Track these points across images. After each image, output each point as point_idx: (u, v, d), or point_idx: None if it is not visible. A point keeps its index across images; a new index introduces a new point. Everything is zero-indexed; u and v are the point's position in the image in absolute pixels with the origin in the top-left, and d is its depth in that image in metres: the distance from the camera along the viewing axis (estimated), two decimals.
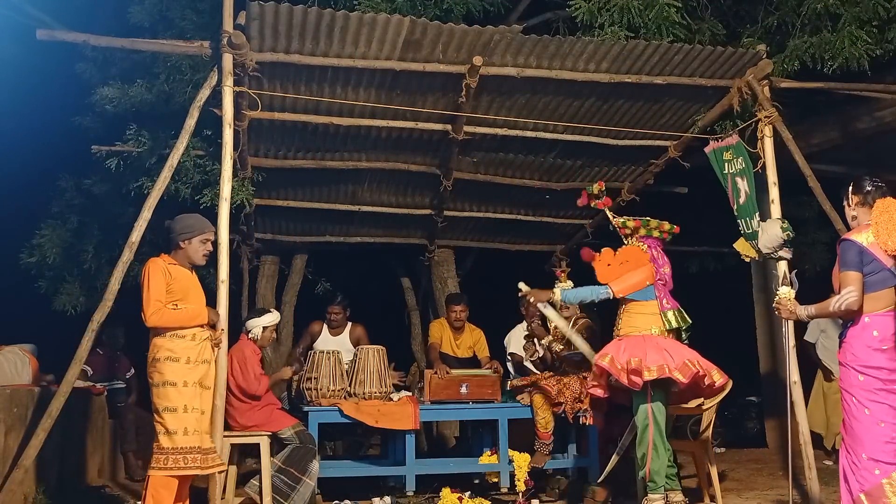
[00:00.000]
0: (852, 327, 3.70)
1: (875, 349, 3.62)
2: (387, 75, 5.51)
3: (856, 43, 5.66)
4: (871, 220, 3.70)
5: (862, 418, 3.61)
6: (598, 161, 6.92)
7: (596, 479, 5.84)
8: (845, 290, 3.64)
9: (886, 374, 3.60)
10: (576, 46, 5.44)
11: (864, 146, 8.26)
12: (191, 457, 4.14)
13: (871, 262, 3.65)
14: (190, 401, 4.19)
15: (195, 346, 4.28)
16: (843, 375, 3.74)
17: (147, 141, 6.15)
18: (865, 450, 3.59)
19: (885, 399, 3.59)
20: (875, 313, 3.65)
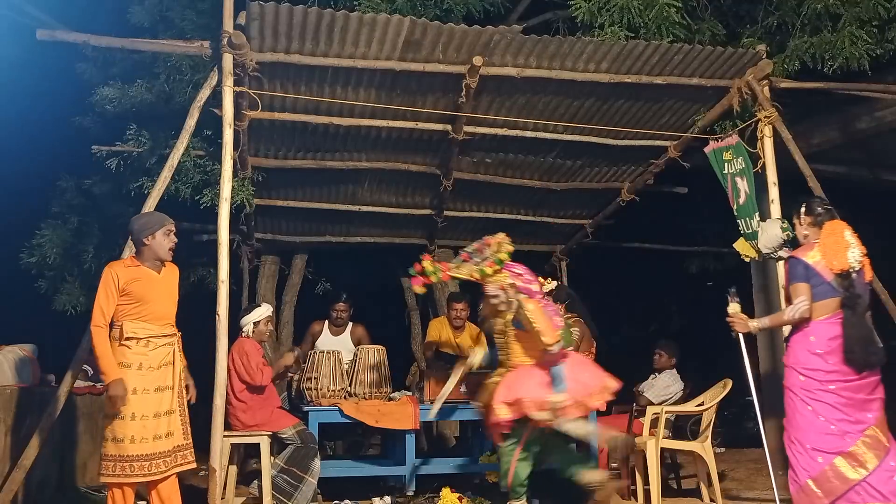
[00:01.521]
0: (796, 333, 4.13)
1: (813, 353, 4.04)
2: (387, 75, 5.52)
3: (856, 43, 5.66)
4: (820, 241, 4.15)
5: (805, 413, 4.05)
6: (597, 161, 6.92)
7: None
8: (798, 300, 4.07)
9: (823, 375, 4.01)
10: (576, 46, 5.44)
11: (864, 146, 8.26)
12: (137, 464, 4.08)
13: (814, 277, 4.08)
14: (140, 408, 4.11)
15: (149, 351, 4.19)
16: (787, 375, 4.17)
17: (147, 141, 6.15)
18: (809, 441, 4.02)
19: (822, 397, 4.01)
20: (818, 320, 4.07)
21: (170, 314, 4.32)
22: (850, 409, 3.99)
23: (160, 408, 4.19)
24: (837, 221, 4.20)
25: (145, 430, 4.12)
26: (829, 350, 4.02)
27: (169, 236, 4.32)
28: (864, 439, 3.96)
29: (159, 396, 4.20)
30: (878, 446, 3.97)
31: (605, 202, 7.63)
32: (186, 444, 4.28)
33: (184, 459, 4.26)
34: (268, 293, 8.27)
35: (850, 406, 3.99)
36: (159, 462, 4.15)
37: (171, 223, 4.37)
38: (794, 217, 4.36)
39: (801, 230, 4.30)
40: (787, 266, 4.21)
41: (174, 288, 4.38)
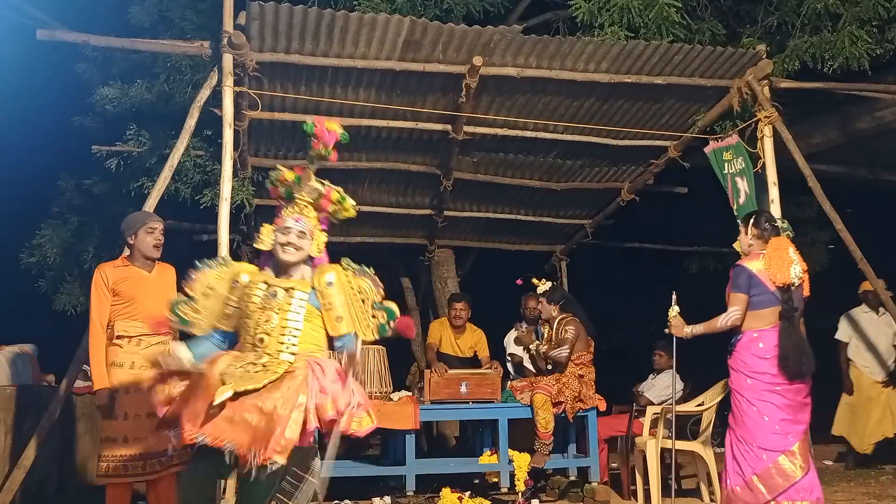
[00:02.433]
0: (742, 339, 4.33)
1: (761, 358, 4.26)
2: (387, 75, 5.52)
3: (856, 42, 5.67)
4: (766, 254, 4.36)
5: (751, 414, 4.26)
6: (597, 161, 6.92)
7: (596, 479, 5.86)
8: (732, 308, 4.31)
9: (769, 378, 4.23)
10: (576, 46, 5.44)
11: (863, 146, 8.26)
12: (132, 464, 4.08)
13: (759, 286, 4.29)
14: (134, 407, 4.11)
15: (141, 350, 4.19)
16: (735, 378, 4.37)
17: (147, 141, 6.15)
18: (755, 440, 4.24)
19: (768, 398, 4.23)
20: (761, 329, 4.29)
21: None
22: (792, 411, 4.25)
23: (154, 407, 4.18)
24: (782, 238, 4.48)
25: (139, 429, 4.11)
26: (775, 355, 4.25)
27: (152, 234, 4.31)
28: (802, 440, 4.25)
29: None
30: (808, 448, 4.32)
31: (605, 202, 7.63)
32: None
33: (180, 459, 4.25)
34: None
35: (791, 408, 4.25)
36: (154, 462, 4.14)
37: (153, 221, 4.36)
38: (741, 226, 4.59)
39: (747, 240, 4.52)
40: (732, 273, 4.41)
41: (168, 287, 4.37)
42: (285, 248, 3.38)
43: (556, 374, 5.96)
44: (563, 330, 5.99)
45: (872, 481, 6.34)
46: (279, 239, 3.38)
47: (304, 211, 3.52)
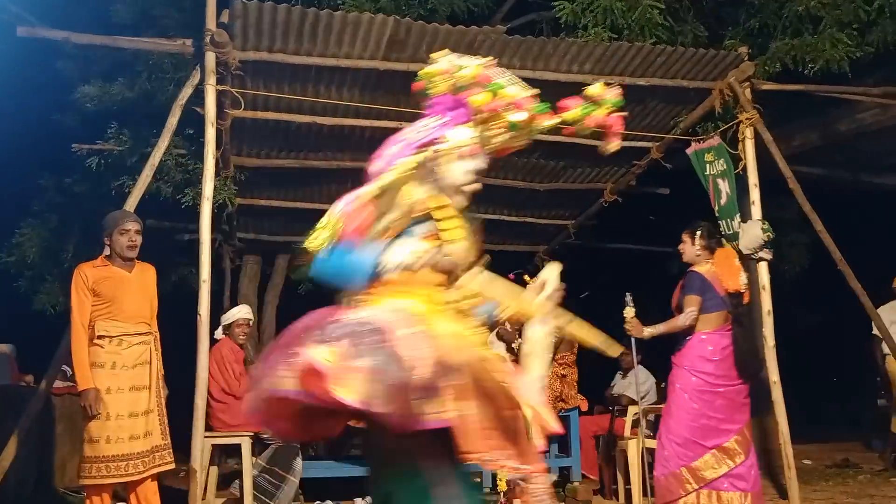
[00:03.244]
0: (691, 340, 4.57)
1: (707, 359, 4.53)
2: (371, 75, 5.50)
3: (836, 45, 5.72)
4: (714, 262, 4.67)
5: (690, 410, 4.51)
6: (580, 162, 6.94)
7: (578, 479, 5.88)
8: (689, 309, 4.54)
9: (713, 378, 4.50)
10: (559, 47, 5.45)
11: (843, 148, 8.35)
12: (114, 465, 4.05)
13: (710, 291, 4.58)
14: (115, 408, 4.09)
15: (122, 350, 4.16)
16: (679, 374, 4.59)
17: (128, 140, 6.11)
18: (690, 434, 4.49)
19: (708, 398, 4.51)
20: (709, 332, 4.56)
21: (143, 313, 4.29)
22: (730, 410, 4.51)
23: (136, 407, 4.16)
24: (728, 248, 4.83)
25: (121, 430, 4.09)
26: (721, 357, 4.53)
27: (125, 235, 4.26)
28: (738, 437, 4.49)
29: (135, 396, 4.17)
30: (746, 443, 4.53)
31: (588, 203, 7.66)
32: (165, 445, 4.25)
33: (162, 460, 4.23)
34: (250, 293, 8.24)
35: (730, 408, 4.51)
36: (137, 462, 4.12)
37: (127, 221, 4.31)
38: (687, 236, 4.79)
39: (694, 249, 4.74)
40: (686, 279, 4.70)
41: (149, 287, 4.35)
42: None
43: None
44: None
45: (851, 481, 6.40)
46: None
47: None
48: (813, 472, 6.78)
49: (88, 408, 4.05)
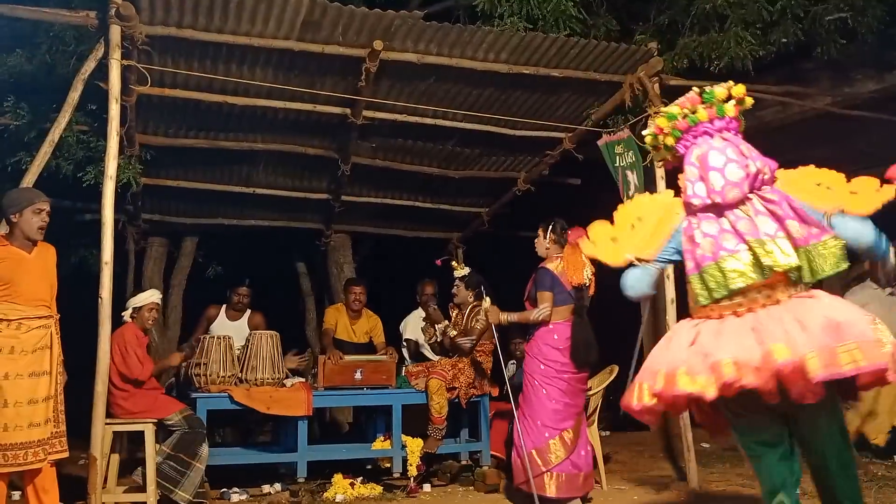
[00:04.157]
0: (540, 330, 5.01)
1: (554, 348, 4.97)
2: (284, 55, 5.40)
3: (741, 43, 5.94)
4: (563, 257, 5.04)
5: (540, 396, 4.96)
6: (495, 150, 7.00)
7: (487, 463, 5.96)
8: (543, 305, 4.96)
9: (559, 366, 4.95)
10: (476, 35, 5.47)
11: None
12: (11, 453, 3.92)
13: (559, 286, 4.99)
14: (14, 395, 3.94)
15: (21, 334, 4.01)
16: (529, 362, 5.05)
17: (26, 114, 5.82)
18: (540, 418, 4.93)
19: (556, 384, 4.95)
20: (556, 322, 4.99)
21: (43, 296, 4.12)
22: (572, 396, 4.99)
23: (36, 394, 4.00)
24: (575, 244, 4.87)
25: (20, 417, 3.94)
26: (566, 347, 4.97)
27: (39, 215, 4.11)
28: (578, 420, 5.00)
29: (34, 382, 4.01)
30: (582, 427, 5.06)
31: (502, 191, 7.74)
32: (59, 432, 4.11)
33: (56, 447, 4.09)
34: (155, 276, 8.01)
35: (573, 394, 5.00)
36: (38, 450, 3.98)
37: (42, 201, 4.15)
38: (541, 230, 5.16)
39: (544, 243, 5.14)
40: (537, 275, 5.05)
41: (49, 268, 4.18)
42: None
43: (454, 360, 6.01)
44: (475, 319, 6.04)
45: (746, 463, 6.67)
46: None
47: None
48: (711, 455, 7.03)
49: None
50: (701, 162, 3.01)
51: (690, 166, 3.04)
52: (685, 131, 3.11)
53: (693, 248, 2.95)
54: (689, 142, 3.11)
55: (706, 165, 2.99)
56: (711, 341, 2.77)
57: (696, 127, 3.09)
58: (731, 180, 2.94)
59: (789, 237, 2.83)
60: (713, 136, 3.07)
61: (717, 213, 2.96)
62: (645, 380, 2.90)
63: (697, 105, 3.10)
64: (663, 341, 2.99)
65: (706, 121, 3.08)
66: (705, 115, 3.08)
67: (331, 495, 5.45)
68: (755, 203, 2.94)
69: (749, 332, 2.72)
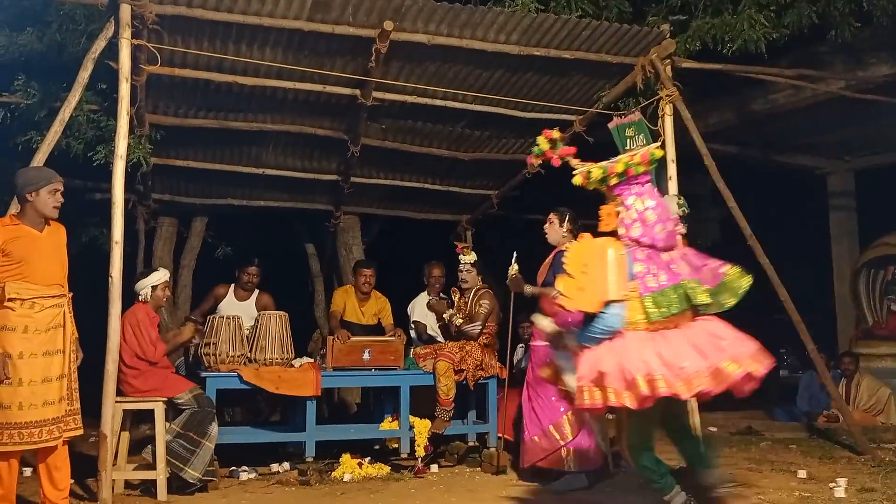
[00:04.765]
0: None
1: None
2: (294, 35, 5.39)
3: (754, 26, 5.89)
4: None
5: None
6: (505, 132, 6.98)
7: (494, 444, 5.98)
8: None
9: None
10: (487, 16, 5.44)
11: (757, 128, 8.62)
12: (26, 431, 3.95)
13: None
14: (28, 373, 3.97)
15: (34, 313, 4.03)
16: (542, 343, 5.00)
17: (36, 93, 5.83)
18: (554, 394, 4.99)
19: None
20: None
21: (56, 274, 4.14)
22: None
23: (49, 372, 4.03)
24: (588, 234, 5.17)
25: (34, 395, 3.97)
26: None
27: (55, 195, 4.12)
28: None
29: (48, 360, 4.04)
30: None
31: (512, 173, 7.72)
32: (74, 410, 4.15)
33: (71, 425, 4.13)
34: (164, 256, 8.03)
35: None
36: (52, 428, 4.02)
37: (58, 181, 4.16)
38: (556, 216, 5.34)
39: (561, 231, 5.30)
40: (556, 259, 5.14)
41: (60, 247, 4.20)
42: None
43: (461, 342, 6.03)
44: (479, 304, 6.06)
45: (754, 447, 6.70)
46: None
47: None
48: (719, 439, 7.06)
49: None
50: (656, 210, 3.69)
51: (648, 210, 3.68)
52: (627, 179, 3.72)
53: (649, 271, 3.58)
54: (628, 188, 3.74)
55: (662, 214, 3.70)
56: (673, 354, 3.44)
57: (638, 177, 3.72)
58: (672, 229, 3.71)
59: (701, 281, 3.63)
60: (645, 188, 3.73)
61: (656, 252, 3.65)
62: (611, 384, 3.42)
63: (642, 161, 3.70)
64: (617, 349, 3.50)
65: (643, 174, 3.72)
66: (642, 169, 3.71)
67: (339, 475, 5.49)
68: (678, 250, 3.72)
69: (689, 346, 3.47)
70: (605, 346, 3.54)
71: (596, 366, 3.48)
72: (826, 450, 6.35)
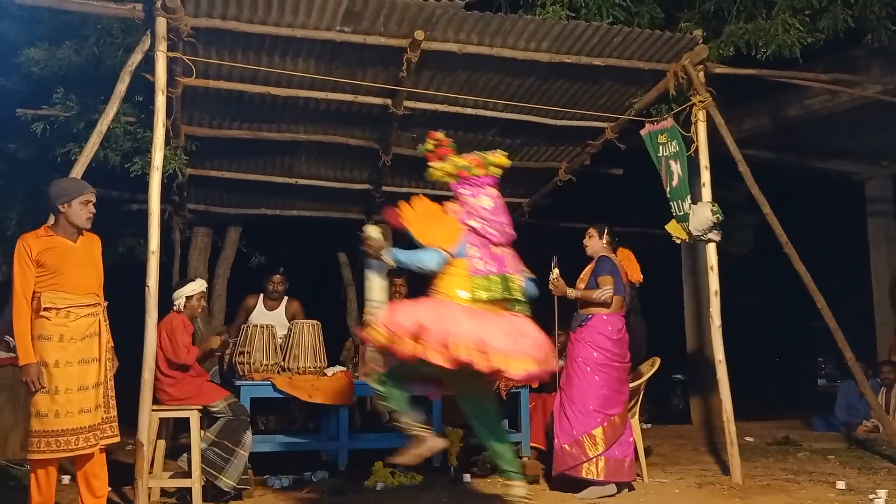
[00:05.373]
0: (593, 318, 5.23)
1: (607, 337, 5.19)
2: (326, 46, 5.43)
3: (788, 31, 5.81)
4: (618, 257, 5.41)
5: (592, 382, 5.15)
6: (536, 140, 6.96)
7: (527, 454, 5.95)
8: (607, 287, 5.19)
9: (611, 355, 5.19)
10: (517, 24, 5.44)
11: (792, 133, 8.52)
12: (63, 439, 3.99)
13: (617, 276, 5.26)
14: (64, 382, 4.02)
15: (70, 322, 4.08)
16: (580, 349, 5.23)
17: (75, 105, 5.94)
18: (592, 403, 5.13)
19: (608, 371, 5.18)
20: (611, 313, 5.24)
21: (91, 284, 4.20)
22: (620, 384, 5.25)
23: (85, 381, 4.08)
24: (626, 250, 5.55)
25: (70, 403, 4.02)
26: (619, 337, 5.22)
27: (87, 206, 4.18)
28: (624, 407, 5.27)
29: (84, 369, 4.09)
30: (626, 415, 5.32)
31: (543, 181, 7.70)
32: (110, 417, 4.20)
33: (108, 433, 4.18)
34: (200, 265, 8.12)
35: (622, 381, 5.26)
36: (88, 436, 4.06)
37: (90, 192, 4.22)
38: (595, 230, 5.45)
39: (601, 244, 5.40)
40: (598, 262, 5.31)
41: (95, 257, 4.25)
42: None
43: None
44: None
45: (791, 458, 6.59)
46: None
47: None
48: (755, 449, 6.97)
49: (31, 383, 3.97)
50: (491, 210, 4.07)
51: (483, 208, 4.06)
52: (465, 179, 4.13)
53: (482, 257, 3.94)
54: (467, 187, 4.13)
55: (496, 213, 4.08)
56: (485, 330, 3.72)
57: (477, 178, 4.13)
58: (506, 229, 4.08)
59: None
60: (485, 189, 4.12)
61: (489, 244, 4.01)
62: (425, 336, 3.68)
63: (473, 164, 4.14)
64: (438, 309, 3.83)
65: (481, 176, 4.14)
66: (479, 172, 4.13)
67: (372, 483, 5.50)
68: (504, 249, 4.07)
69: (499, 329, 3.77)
70: (429, 303, 3.88)
71: (415, 316, 3.76)
72: (865, 460, 6.24)
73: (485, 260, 3.95)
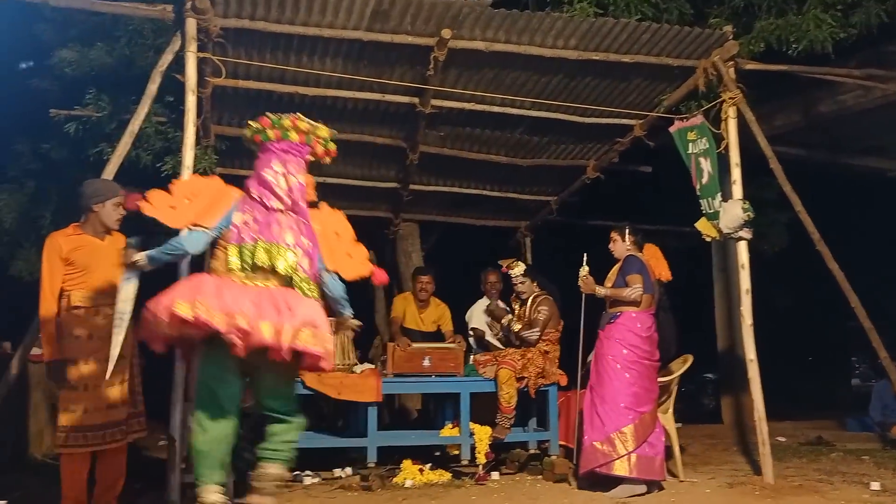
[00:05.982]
0: (622, 316, 5.26)
1: (637, 334, 5.22)
2: (354, 46, 5.46)
3: (821, 26, 5.73)
4: (645, 255, 5.42)
5: (623, 379, 5.17)
6: (564, 138, 6.94)
7: (556, 452, 5.94)
8: (636, 285, 5.23)
9: (641, 352, 5.21)
10: (545, 22, 5.42)
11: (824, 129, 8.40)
12: (91, 434, 4.06)
13: (646, 274, 5.29)
14: (92, 378, 4.08)
15: (98, 320, 4.14)
16: (610, 346, 5.25)
17: (107, 106, 6.02)
18: (623, 401, 5.13)
19: (638, 368, 5.19)
20: (639, 311, 5.27)
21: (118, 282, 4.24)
22: (651, 382, 5.26)
23: (113, 377, 4.14)
24: (653, 245, 5.58)
25: (98, 399, 4.09)
26: (648, 335, 5.25)
27: (118, 208, 4.27)
28: (654, 405, 5.25)
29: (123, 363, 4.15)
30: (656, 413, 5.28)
31: (571, 179, 7.67)
32: (137, 412, 4.27)
33: (134, 427, 4.25)
34: None
35: (651, 379, 5.26)
36: (115, 431, 4.13)
37: (121, 193, 4.30)
38: (617, 234, 5.46)
39: (624, 245, 5.42)
40: (626, 262, 5.34)
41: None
42: None
43: (522, 349, 6.02)
44: (537, 311, 6.05)
45: (824, 458, 6.51)
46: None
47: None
48: (787, 449, 6.89)
49: (55, 381, 4.04)
50: (281, 170, 3.93)
51: (269, 170, 3.90)
52: (263, 145, 3.99)
53: (243, 227, 3.73)
54: (264, 151, 3.99)
55: (277, 181, 3.89)
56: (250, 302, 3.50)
57: (274, 143, 3.98)
58: (281, 194, 3.85)
59: (307, 265, 3.83)
60: (278, 155, 3.97)
61: (266, 209, 3.80)
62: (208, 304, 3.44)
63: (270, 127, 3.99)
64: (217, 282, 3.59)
65: (275, 140, 3.98)
66: (273, 135, 3.98)
67: (400, 480, 5.52)
68: (289, 219, 3.84)
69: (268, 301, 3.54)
70: (207, 277, 3.66)
71: (197, 286, 3.54)
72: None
73: (250, 228, 3.71)
